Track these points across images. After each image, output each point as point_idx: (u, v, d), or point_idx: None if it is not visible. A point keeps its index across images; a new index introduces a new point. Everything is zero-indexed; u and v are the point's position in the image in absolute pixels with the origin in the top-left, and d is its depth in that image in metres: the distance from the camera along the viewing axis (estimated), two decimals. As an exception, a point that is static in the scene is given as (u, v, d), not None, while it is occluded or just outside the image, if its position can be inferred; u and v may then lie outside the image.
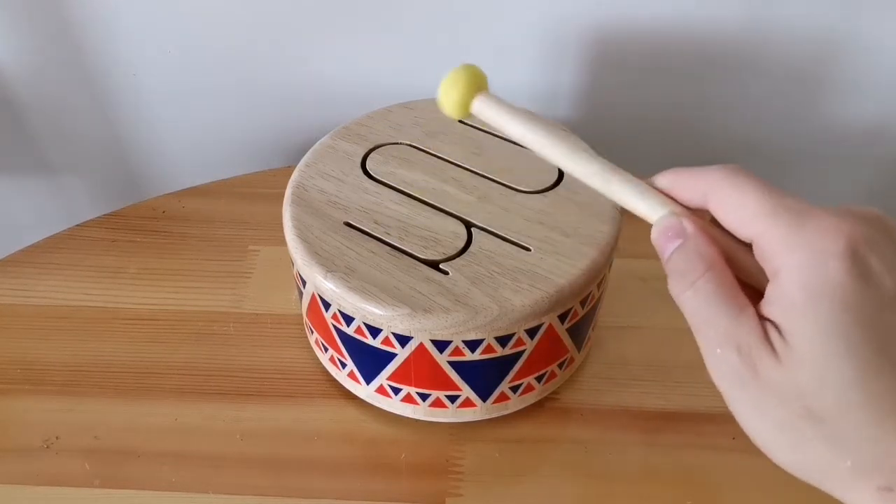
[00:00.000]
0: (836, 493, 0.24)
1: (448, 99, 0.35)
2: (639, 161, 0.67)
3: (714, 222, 0.27)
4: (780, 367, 0.23)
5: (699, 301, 0.25)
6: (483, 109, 0.34)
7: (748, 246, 0.25)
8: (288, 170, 0.45)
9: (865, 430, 0.23)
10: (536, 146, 0.32)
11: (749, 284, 0.26)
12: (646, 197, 0.28)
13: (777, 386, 0.24)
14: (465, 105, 0.34)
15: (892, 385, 0.22)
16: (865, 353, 0.22)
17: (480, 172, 0.43)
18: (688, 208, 0.27)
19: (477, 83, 0.35)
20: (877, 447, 0.23)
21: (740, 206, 0.25)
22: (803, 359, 0.23)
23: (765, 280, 0.25)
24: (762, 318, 0.24)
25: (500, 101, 0.33)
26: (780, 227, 0.24)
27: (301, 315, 0.45)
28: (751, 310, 0.24)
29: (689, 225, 0.26)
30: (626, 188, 0.29)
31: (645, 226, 0.29)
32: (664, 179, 0.28)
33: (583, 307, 0.40)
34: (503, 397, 0.41)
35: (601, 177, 0.30)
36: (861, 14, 0.58)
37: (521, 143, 0.32)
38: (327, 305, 0.39)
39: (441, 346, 0.37)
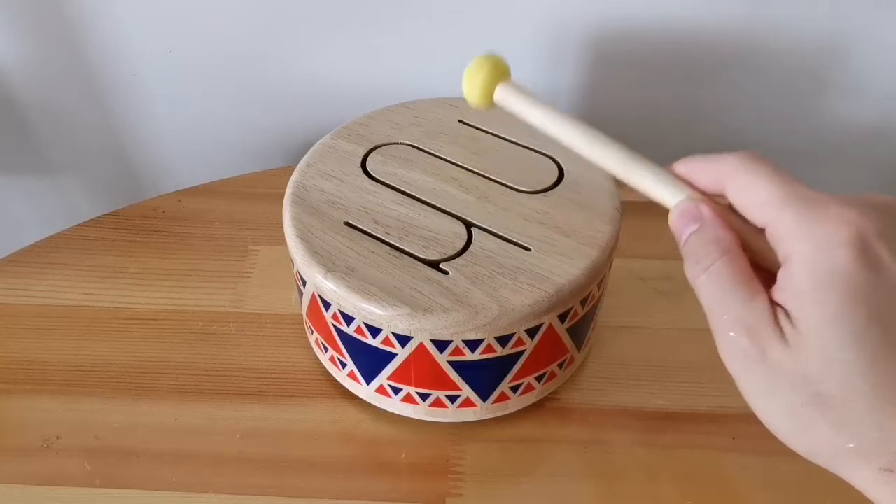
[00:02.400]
0: (843, 473, 0.25)
1: (472, 87, 0.35)
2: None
3: (731, 208, 0.27)
4: (789, 351, 0.24)
5: (714, 285, 0.26)
6: (506, 97, 0.34)
7: (762, 231, 0.26)
8: (288, 170, 0.45)
9: (869, 415, 0.23)
10: (558, 134, 0.32)
11: (764, 268, 0.26)
12: (665, 183, 0.29)
13: (785, 369, 0.24)
14: (489, 93, 0.35)
15: (894, 374, 0.23)
16: (871, 342, 0.23)
17: (480, 172, 0.43)
18: (706, 194, 0.28)
19: (500, 72, 0.35)
20: (879, 432, 0.23)
21: (754, 193, 0.26)
22: (811, 345, 0.23)
23: (778, 264, 0.25)
24: (774, 304, 0.25)
25: (522, 90, 0.34)
26: (791, 214, 0.25)
27: (301, 315, 0.45)
28: (763, 295, 0.25)
29: (705, 209, 0.27)
30: (646, 174, 0.29)
31: (645, 225, 0.29)
32: (683, 166, 0.29)
33: (583, 307, 0.40)
34: (503, 397, 0.41)
35: (622, 164, 0.30)
36: (861, 14, 0.58)
37: (542, 131, 0.32)
38: (327, 305, 0.39)
39: (441, 345, 0.37)
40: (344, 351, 0.41)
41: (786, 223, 0.25)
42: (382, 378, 0.40)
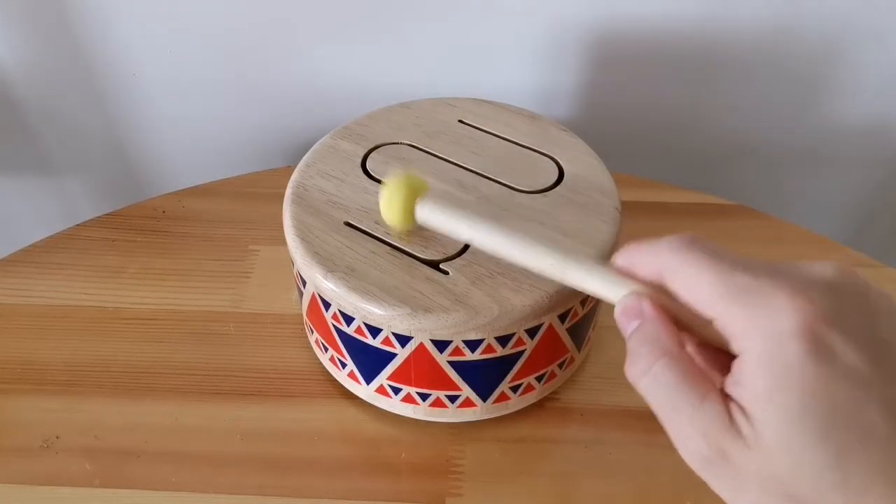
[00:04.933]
0: None
1: (390, 211, 0.36)
2: (639, 160, 0.67)
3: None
4: (752, 454, 0.23)
5: (658, 388, 0.25)
6: (428, 216, 0.35)
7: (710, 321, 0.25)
8: (288, 170, 0.45)
9: None
10: (487, 244, 0.32)
11: (717, 348, 0.26)
12: (606, 280, 0.28)
13: (751, 471, 0.23)
14: (409, 212, 0.35)
15: (863, 465, 0.22)
16: (835, 437, 0.22)
17: (480, 172, 0.43)
18: (650, 284, 0.27)
19: (416, 191, 0.35)
20: None
21: (693, 288, 0.25)
22: (774, 446, 0.23)
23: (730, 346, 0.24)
24: (726, 398, 0.24)
25: (444, 204, 0.34)
26: (735, 310, 0.24)
27: (301, 315, 0.45)
28: (713, 394, 0.24)
29: (646, 306, 0.26)
30: (585, 274, 0.29)
31: (645, 225, 0.28)
32: (622, 259, 0.28)
33: (583, 307, 0.40)
34: (503, 397, 0.41)
35: (560, 265, 0.30)
36: (861, 14, 0.58)
37: (470, 244, 0.32)
38: (327, 305, 0.39)
39: (441, 345, 0.37)
40: (344, 351, 0.41)
41: (733, 320, 0.24)
42: (382, 378, 0.40)
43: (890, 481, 0.22)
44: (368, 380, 0.41)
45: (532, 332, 0.38)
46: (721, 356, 0.26)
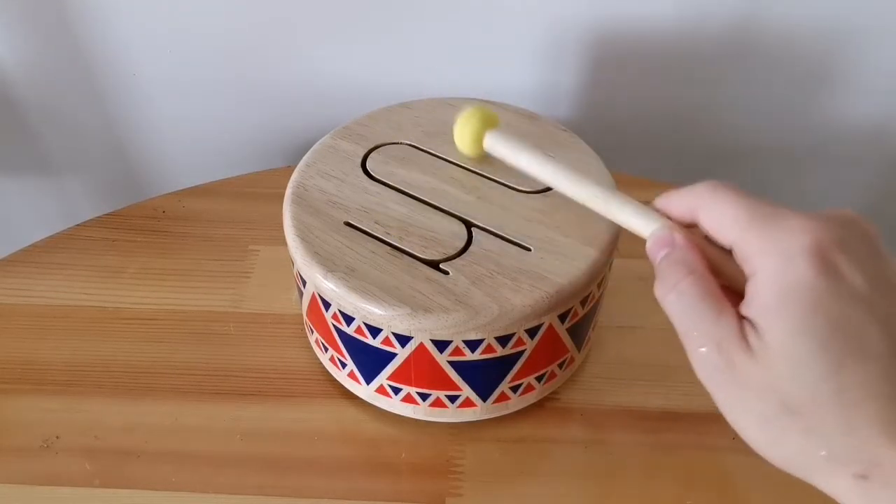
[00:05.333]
0: (820, 484, 0.25)
1: (462, 136, 0.41)
2: (639, 160, 0.67)
3: (705, 237, 0.29)
4: (756, 363, 0.25)
5: (682, 303, 0.27)
6: (494, 145, 0.40)
7: (731, 254, 0.27)
8: (288, 170, 0.45)
9: (838, 421, 0.24)
10: (544, 175, 0.37)
11: (736, 291, 0.27)
12: (642, 214, 0.32)
13: (754, 381, 0.25)
14: (479, 140, 0.40)
15: (860, 378, 0.23)
16: (835, 349, 0.24)
17: (480, 172, 0.43)
18: (681, 224, 0.30)
19: (489, 121, 0.40)
20: (849, 437, 0.24)
21: (720, 216, 0.27)
22: (777, 355, 0.24)
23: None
24: (741, 318, 0.26)
25: (510, 137, 0.39)
26: (754, 231, 0.26)
27: (301, 315, 0.45)
28: (730, 310, 0.26)
29: (677, 236, 0.29)
30: (624, 208, 0.33)
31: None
32: (660, 201, 0.31)
33: (583, 307, 0.40)
34: (503, 397, 0.41)
35: (604, 199, 0.34)
36: (861, 14, 0.58)
37: (528, 173, 0.37)
38: (327, 305, 0.39)
39: (441, 345, 0.37)
40: (344, 351, 0.41)
41: (750, 241, 0.26)
42: (382, 378, 0.40)
43: (882, 395, 0.23)
44: (368, 380, 0.41)
45: (532, 332, 0.38)
46: (733, 295, 0.27)
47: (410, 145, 0.45)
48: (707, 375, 0.26)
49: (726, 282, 0.28)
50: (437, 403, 0.41)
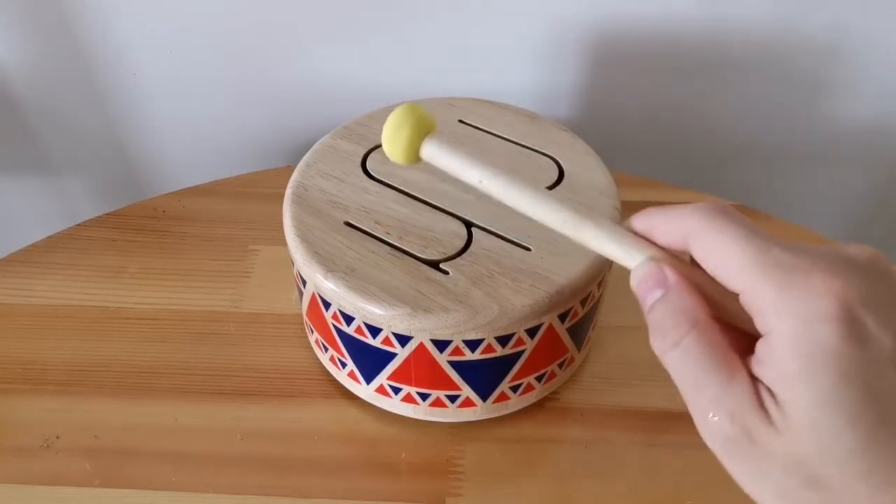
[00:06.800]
0: None
1: (394, 145, 0.31)
2: (639, 160, 0.67)
3: (695, 263, 0.25)
4: (779, 436, 0.22)
5: (686, 364, 0.24)
6: (434, 154, 0.31)
7: (734, 294, 0.24)
8: (288, 170, 0.45)
9: (868, 497, 0.22)
10: (497, 192, 0.29)
11: (736, 327, 0.25)
12: (621, 242, 0.26)
13: (777, 455, 0.23)
14: (415, 149, 0.31)
15: (892, 455, 0.22)
16: (867, 422, 0.21)
17: (480, 172, 0.43)
18: (668, 251, 0.26)
19: (425, 126, 0.31)
20: None
21: (725, 256, 0.24)
22: (801, 429, 0.22)
23: (752, 325, 0.23)
24: (754, 380, 0.23)
25: (452, 145, 0.30)
26: (769, 285, 0.23)
27: (301, 315, 0.45)
28: (742, 373, 0.23)
29: (670, 273, 0.25)
30: (598, 233, 0.27)
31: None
32: (640, 222, 0.27)
33: (583, 307, 0.40)
34: (503, 397, 0.41)
35: (572, 222, 0.27)
36: (861, 13, 0.58)
37: (479, 189, 0.29)
38: (327, 305, 0.39)
39: (441, 345, 0.37)
40: (344, 351, 0.41)
41: (764, 295, 0.23)
42: (382, 378, 0.40)
43: None
44: (368, 380, 0.41)
45: (532, 332, 0.38)
46: (734, 332, 0.25)
47: (410, 145, 0.45)
48: (719, 445, 0.24)
49: (726, 318, 0.25)
50: (437, 403, 0.41)
